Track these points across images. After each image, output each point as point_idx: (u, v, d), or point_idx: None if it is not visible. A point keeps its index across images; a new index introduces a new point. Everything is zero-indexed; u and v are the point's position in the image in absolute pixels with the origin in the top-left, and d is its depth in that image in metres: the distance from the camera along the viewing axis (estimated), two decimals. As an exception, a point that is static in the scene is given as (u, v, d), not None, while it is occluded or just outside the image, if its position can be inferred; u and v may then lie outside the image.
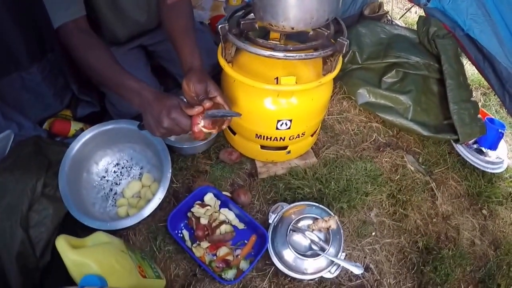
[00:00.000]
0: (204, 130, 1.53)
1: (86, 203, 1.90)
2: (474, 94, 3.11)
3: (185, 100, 1.64)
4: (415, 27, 2.98)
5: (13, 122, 2.03)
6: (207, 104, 1.52)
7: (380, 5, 3.25)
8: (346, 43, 1.66)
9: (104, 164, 2.06)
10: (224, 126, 1.65)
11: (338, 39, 1.68)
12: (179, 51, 1.79)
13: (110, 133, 1.97)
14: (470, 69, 2.82)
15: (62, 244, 1.29)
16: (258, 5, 1.62)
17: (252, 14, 1.80)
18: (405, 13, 3.66)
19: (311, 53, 1.65)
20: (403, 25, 3.46)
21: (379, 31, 2.88)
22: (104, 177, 2.05)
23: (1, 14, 1.92)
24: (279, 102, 1.83)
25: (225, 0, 3.49)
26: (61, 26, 1.73)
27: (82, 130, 2.29)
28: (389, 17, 3.38)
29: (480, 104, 3.09)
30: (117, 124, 1.96)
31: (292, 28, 1.60)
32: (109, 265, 1.36)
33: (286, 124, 1.89)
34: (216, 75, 1.98)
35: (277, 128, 1.91)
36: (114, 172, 2.07)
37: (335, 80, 1.88)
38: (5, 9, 1.92)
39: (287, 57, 1.63)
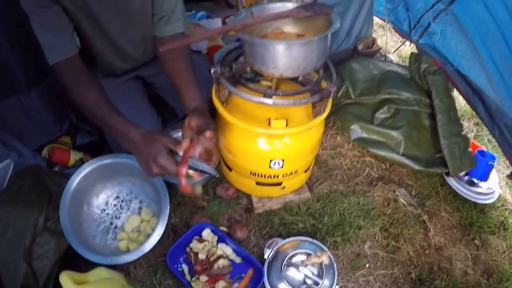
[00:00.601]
0: (189, 172, 1.56)
1: (87, 236, 1.94)
2: (467, 124, 3.19)
3: (174, 136, 1.69)
4: (408, 59, 3.06)
5: (12, 149, 2.09)
6: (208, 134, 1.56)
7: (374, 41, 3.32)
8: (333, 89, 1.73)
9: (104, 197, 2.09)
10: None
11: (326, 86, 1.76)
12: (181, 94, 1.86)
13: (109, 167, 2.00)
14: (462, 101, 2.89)
15: (66, 280, 1.35)
16: (249, 53, 1.69)
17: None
18: (399, 46, 3.72)
19: (299, 99, 1.72)
20: (397, 58, 3.55)
21: (372, 67, 2.96)
22: (104, 210, 2.08)
23: (1, 42, 2.00)
24: (272, 143, 1.89)
25: (222, 29, 3.59)
26: (54, 64, 1.77)
27: (81, 160, 2.37)
28: (383, 52, 3.45)
29: (472, 134, 3.15)
30: (116, 158, 1.99)
31: (281, 75, 1.67)
32: (111, 301, 1.40)
33: (279, 163, 1.95)
34: (212, 110, 2.01)
35: (270, 167, 1.97)
36: (114, 205, 2.10)
37: (329, 115, 1.97)
38: (2, 33, 1.99)
39: (277, 104, 1.70)
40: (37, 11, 1.69)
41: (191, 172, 1.56)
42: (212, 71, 1.83)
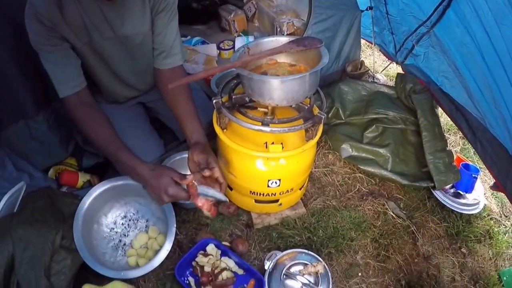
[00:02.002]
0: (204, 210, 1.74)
1: (97, 253, 2.00)
2: (453, 138, 3.29)
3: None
4: (395, 78, 3.20)
5: (24, 173, 2.16)
6: (207, 173, 1.72)
7: (362, 63, 3.41)
8: (323, 116, 1.89)
9: (112, 217, 2.17)
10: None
11: (317, 113, 1.92)
12: (182, 125, 1.99)
13: (117, 188, 2.09)
14: (447, 116, 2.99)
15: None
16: (247, 86, 1.85)
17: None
18: (386, 66, 3.83)
19: (293, 127, 1.88)
20: (385, 78, 3.67)
21: (360, 88, 3.10)
22: (113, 228, 2.15)
23: (7, 62, 2.08)
24: (269, 164, 2.04)
25: (218, 54, 3.68)
26: (65, 98, 1.89)
27: (89, 181, 2.45)
28: (371, 72, 3.56)
29: (459, 147, 3.24)
30: (123, 180, 2.07)
31: (277, 105, 1.83)
32: (129, 310, 1.51)
33: (276, 183, 2.09)
34: (212, 132, 2.13)
35: (268, 186, 2.11)
36: (122, 224, 2.18)
37: (321, 135, 2.12)
38: (10, 58, 2.08)
39: (274, 131, 1.86)
40: (46, 49, 1.80)
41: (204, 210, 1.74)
42: (213, 102, 1.96)
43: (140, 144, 1.90)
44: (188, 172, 1.89)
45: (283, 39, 1.97)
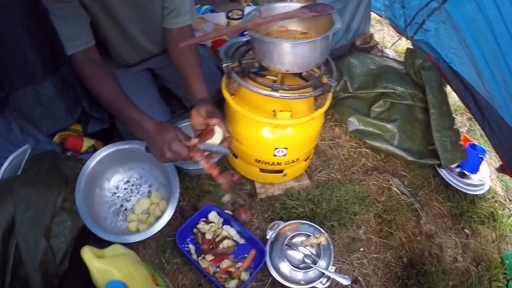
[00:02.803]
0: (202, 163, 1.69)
1: (98, 217, 2.01)
2: (460, 119, 3.26)
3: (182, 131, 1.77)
4: (404, 54, 3.17)
5: (30, 136, 2.16)
6: (214, 121, 1.70)
7: (371, 36, 3.39)
8: (333, 84, 1.87)
9: (115, 181, 2.18)
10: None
11: (327, 81, 1.89)
12: (188, 85, 1.96)
13: (121, 153, 2.10)
14: (455, 96, 2.95)
15: (88, 253, 1.45)
16: (258, 50, 1.82)
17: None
18: (396, 41, 3.79)
19: (303, 93, 1.86)
20: (394, 53, 3.63)
21: (369, 62, 3.07)
22: (115, 193, 2.16)
23: (17, 28, 2.05)
24: (276, 133, 2.02)
25: (227, 23, 3.62)
26: (72, 54, 1.86)
27: (93, 146, 2.43)
28: (380, 47, 3.53)
29: (465, 128, 3.22)
30: (128, 144, 2.08)
31: (287, 71, 1.80)
32: (129, 273, 1.51)
33: (282, 152, 2.07)
34: (219, 100, 2.15)
35: (274, 155, 2.09)
36: (125, 189, 2.19)
37: (328, 107, 2.13)
38: (21, 24, 2.04)
39: (283, 97, 1.84)
40: (56, 5, 1.77)
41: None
42: (223, 66, 1.94)
43: (146, 109, 1.84)
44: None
45: (295, 5, 1.93)
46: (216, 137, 1.74)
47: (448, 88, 3.03)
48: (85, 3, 1.85)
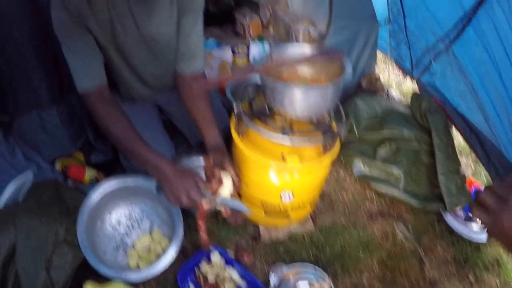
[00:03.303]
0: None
1: (98, 251, 1.99)
2: (465, 160, 3.22)
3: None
4: (409, 95, 3.16)
5: (32, 162, 2.19)
6: (219, 172, 1.73)
7: (377, 77, 3.40)
8: (342, 131, 1.87)
9: (117, 215, 2.16)
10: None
11: (336, 127, 1.90)
12: (200, 130, 1.99)
13: (125, 187, 2.08)
14: (461, 137, 2.97)
15: None
16: (269, 94, 1.82)
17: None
18: (401, 81, 3.81)
19: (314, 139, 1.85)
20: (399, 94, 3.64)
21: (375, 104, 3.06)
22: (117, 227, 2.14)
23: (28, 54, 2.10)
24: (283, 176, 2.00)
25: (232, 59, 3.63)
26: (84, 92, 1.84)
27: (96, 178, 2.44)
28: (385, 87, 3.54)
29: (470, 171, 3.18)
30: (132, 178, 2.07)
31: (297, 117, 1.80)
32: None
33: (289, 195, 2.06)
34: (226, 140, 2.11)
35: (280, 199, 2.07)
36: (126, 223, 2.17)
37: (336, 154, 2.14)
38: (31, 50, 2.09)
39: (293, 142, 1.83)
40: (70, 38, 1.76)
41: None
42: (234, 108, 1.96)
43: (151, 145, 1.85)
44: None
45: (306, 48, 1.95)
46: (225, 185, 1.76)
47: (454, 130, 3.03)
48: (99, 41, 1.85)
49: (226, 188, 1.75)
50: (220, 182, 1.74)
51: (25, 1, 2.03)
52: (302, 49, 1.96)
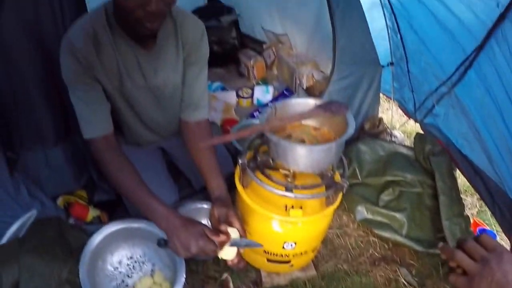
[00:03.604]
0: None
1: None
2: (470, 200, 3.25)
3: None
4: (413, 135, 3.20)
5: (36, 199, 2.18)
6: (223, 227, 1.74)
7: (380, 120, 3.43)
8: (346, 185, 1.89)
9: (118, 256, 2.15)
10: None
11: (339, 180, 1.92)
12: (205, 180, 2.02)
13: (128, 230, 2.09)
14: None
15: None
16: (273, 150, 1.85)
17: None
18: (404, 122, 3.83)
19: (316, 194, 1.89)
20: (402, 135, 3.67)
21: (378, 148, 3.09)
22: (117, 268, 2.13)
23: (34, 93, 2.16)
24: (286, 227, 2.02)
25: (236, 102, 3.72)
26: (90, 139, 1.88)
27: (99, 217, 2.45)
28: (388, 129, 3.55)
29: (476, 210, 3.20)
30: (136, 223, 2.08)
31: (301, 171, 1.83)
32: None
33: (292, 245, 2.06)
34: (231, 184, 2.13)
35: (283, 248, 2.08)
36: (127, 265, 2.16)
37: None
38: (38, 89, 2.16)
39: (297, 198, 1.86)
40: (78, 87, 1.81)
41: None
42: (239, 162, 1.97)
43: (155, 188, 1.87)
44: (203, 220, 2.00)
45: (310, 102, 1.98)
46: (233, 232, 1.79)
47: (458, 171, 3.04)
48: (107, 89, 1.90)
49: (234, 232, 1.78)
50: (226, 236, 1.75)
51: (32, 41, 2.10)
52: (305, 103, 1.99)
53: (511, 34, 2.17)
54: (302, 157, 1.78)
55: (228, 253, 1.78)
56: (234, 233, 1.78)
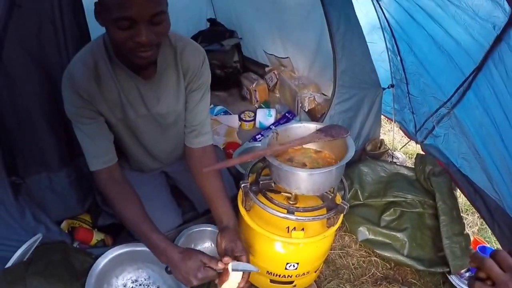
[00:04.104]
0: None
1: None
2: (471, 218, 3.27)
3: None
4: (414, 156, 3.25)
5: (41, 224, 2.19)
6: (227, 259, 1.73)
7: (382, 141, 3.46)
8: (346, 206, 1.95)
9: (123, 279, 2.17)
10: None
11: (340, 202, 1.98)
12: (214, 210, 2.02)
13: (133, 253, 2.13)
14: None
15: None
16: (275, 173, 1.91)
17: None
18: (405, 144, 3.88)
19: (318, 216, 1.94)
20: (404, 156, 3.71)
21: (380, 170, 3.13)
22: None
23: (38, 120, 2.19)
24: (289, 248, 2.06)
25: (239, 125, 3.77)
26: (96, 171, 1.93)
27: (103, 240, 2.48)
28: (390, 151, 3.58)
29: (477, 228, 3.23)
30: (141, 247, 2.10)
31: (302, 194, 1.89)
32: None
33: (294, 266, 2.10)
34: (234, 206, 2.15)
35: (286, 268, 2.12)
36: (133, 287, 2.18)
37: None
38: (41, 116, 2.19)
39: (298, 220, 1.91)
40: (81, 120, 1.84)
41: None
42: (242, 186, 2.02)
43: (159, 212, 1.98)
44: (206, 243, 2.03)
45: (311, 126, 2.05)
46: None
47: (458, 191, 3.07)
48: (109, 120, 1.94)
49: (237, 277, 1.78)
50: (226, 270, 1.74)
51: (36, 69, 2.14)
52: (307, 127, 2.06)
53: (508, 56, 2.20)
54: (303, 181, 1.83)
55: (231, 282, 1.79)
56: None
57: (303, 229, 1.99)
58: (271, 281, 2.27)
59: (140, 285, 2.20)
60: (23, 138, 2.24)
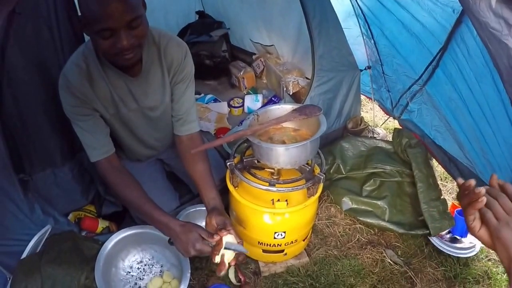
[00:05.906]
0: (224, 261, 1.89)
1: None
2: (450, 185, 3.40)
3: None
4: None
5: (50, 216, 2.34)
6: (224, 232, 1.87)
7: (362, 119, 3.62)
8: (322, 177, 2.15)
9: (129, 261, 2.32)
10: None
11: (317, 173, 2.18)
12: (200, 192, 2.15)
13: (136, 235, 2.28)
14: None
15: None
16: (256, 151, 2.11)
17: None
18: (386, 121, 4.04)
19: (296, 187, 2.13)
20: (384, 131, 3.87)
21: (360, 144, 3.31)
22: (129, 272, 2.30)
23: (41, 120, 2.33)
24: (275, 219, 2.26)
25: (228, 111, 3.92)
26: (96, 162, 2.08)
27: (108, 228, 2.63)
28: (371, 127, 3.76)
29: (455, 194, 3.32)
30: (142, 229, 2.27)
31: (282, 168, 2.10)
32: None
33: (281, 235, 2.30)
34: (224, 188, 2.35)
35: (274, 238, 2.31)
36: (138, 268, 2.32)
37: (323, 189, 2.38)
38: (44, 117, 2.33)
39: (279, 191, 2.11)
40: (78, 118, 2.00)
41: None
42: (227, 164, 2.21)
43: (157, 197, 2.06)
44: (202, 222, 2.11)
45: (288, 107, 2.24)
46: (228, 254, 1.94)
47: (434, 161, 3.27)
48: (104, 116, 2.10)
49: (230, 237, 1.92)
50: (220, 240, 1.87)
51: (36, 72, 2.27)
52: (284, 108, 2.26)
53: (468, 36, 2.41)
54: (280, 155, 2.03)
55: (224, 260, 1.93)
56: (228, 238, 1.92)
57: (286, 200, 2.19)
58: (264, 251, 2.45)
59: (145, 265, 2.35)
60: (28, 138, 2.36)
